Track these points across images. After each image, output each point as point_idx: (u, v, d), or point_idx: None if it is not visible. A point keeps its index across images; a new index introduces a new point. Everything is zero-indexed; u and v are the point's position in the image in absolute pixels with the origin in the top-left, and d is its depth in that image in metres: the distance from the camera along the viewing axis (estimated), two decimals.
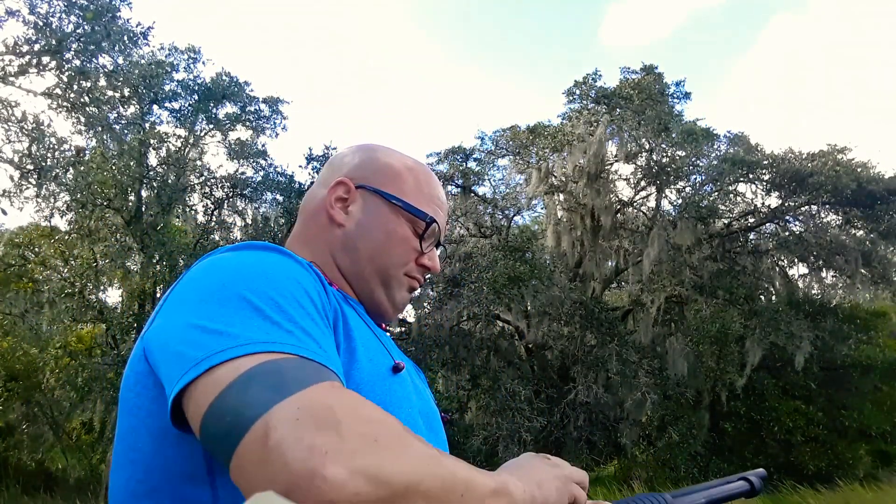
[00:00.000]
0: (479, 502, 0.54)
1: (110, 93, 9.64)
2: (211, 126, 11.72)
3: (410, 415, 0.72)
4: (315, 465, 0.44)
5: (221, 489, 0.59)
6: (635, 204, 13.19)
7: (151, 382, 0.62)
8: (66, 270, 10.87)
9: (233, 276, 0.61)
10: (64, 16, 8.71)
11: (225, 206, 12.07)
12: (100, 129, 9.56)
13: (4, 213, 9.52)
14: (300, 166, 12.32)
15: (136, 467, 0.62)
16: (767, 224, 12.34)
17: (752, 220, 12.40)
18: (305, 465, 0.44)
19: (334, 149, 11.69)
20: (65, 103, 9.04)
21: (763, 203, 12.15)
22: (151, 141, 10.70)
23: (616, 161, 12.69)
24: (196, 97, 11.22)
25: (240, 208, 12.27)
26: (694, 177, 12.55)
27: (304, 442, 0.45)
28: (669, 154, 12.33)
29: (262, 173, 11.92)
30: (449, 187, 13.24)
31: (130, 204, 10.81)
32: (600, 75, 12.71)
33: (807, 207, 11.76)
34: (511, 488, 0.60)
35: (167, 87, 10.92)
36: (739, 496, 0.84)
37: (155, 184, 10.94)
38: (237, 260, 0.65)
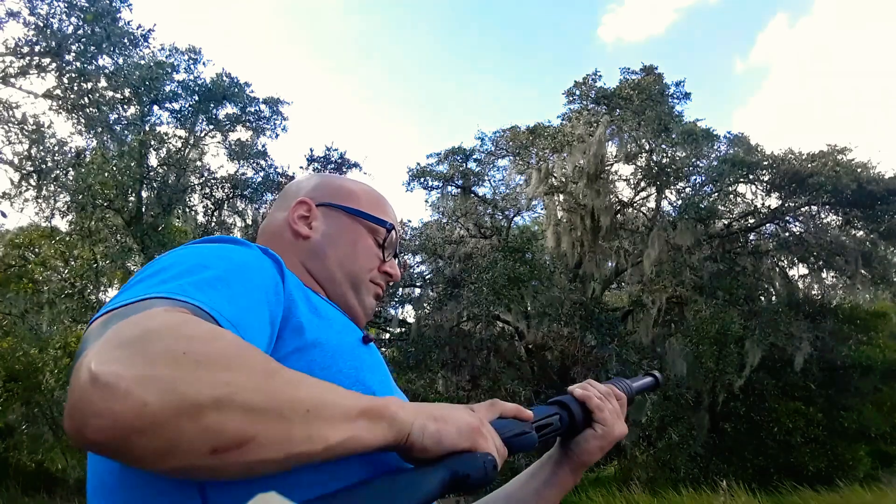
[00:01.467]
0: (340, 422, 0.48)
1: (111, 94, 9.63)
2: (211, 127, 11.73)
3: (384, 380, 0.75)
4: (99, 373, 0.40)
5: (211, 496, 0.54)
6: (635, 204, 13.19)
7: None
8: (66, 271, 10.87)
9: (165, 260, 0.62)
10: (64, 17, 8.71)
11: (225, 207, 12.08)
12: (100, 130, 9.56)
13: (4, 215, 9.51)
14: (301, 167, 12.32)
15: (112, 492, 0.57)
16: (767, 225, 12.35)
17: (752, 221, 12.40)
18: (90, 374, 0.40)
19: (335, 149, 11.73)
20: (65, 104, 9.03)
21: (763, 204, 12.16)
22: (152, 142, 10.71)
23: (616, 161, 12.70)
24: (196, 98, 11.22)
25: (240, 209, 12.28)
26: (694, 177, 12.57)
27: (99, 357, 0.42)
28: (669, 155, 12.34)
29: (262, 174, 11.94)
30: (449, 188, 13.25)
31: (131, 204, 10.82)
32: (600, 76, 12.71)
33: (807, 208, 11.76)
34: (393, 411, 0.54)
35: (167, 88, 10.93)
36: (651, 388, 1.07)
37: (155, 184, 10.95)
38: (180, 249, 0.66)
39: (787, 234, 12.13)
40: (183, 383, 0.41)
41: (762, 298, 12.41)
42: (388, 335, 13.84)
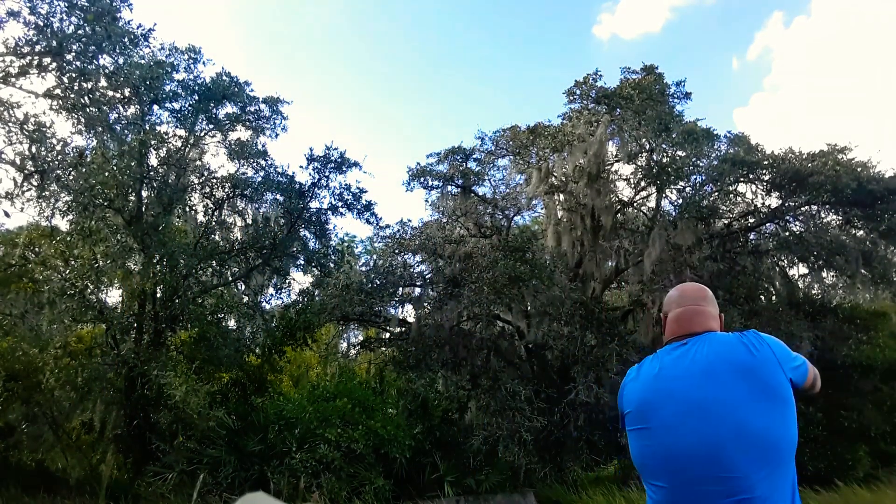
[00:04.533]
0: None
1: (111, 93, 9.61)
2: (211, 126, 11.71)
3: None
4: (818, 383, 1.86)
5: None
6: (635, 204, 13.20)
7: (784, 378, 1.64)
8: (66, 271, 10.86)
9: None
10: (65, 17, 8.70)
11: (225, 207, 12.07)
12: (100, 129, 9.54)
13: (7, 215, 9.50)
14: (301, 167, 12.32)
15: (792, 432, 1.60)
16: (767, 224, 12.35)
17: (752, 221, 12.40)
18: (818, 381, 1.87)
19: (335, 149, 11.69)
20: (65, 104, 9.01)
21: (763, 203, 12.16)
22: (152, 141, 10.69)
23: (616, 161, 12.70)
24: (196, 97, 11.20)
25: (240, 208, 12.27)
26: (694, 177, 12.56)
27: (818, 378, 1.85)
28: (670, 154, 12.34)
29: (262, 173, 11.92)
30: (449, 187, 13.25)
31: (131, 204, 10.81)
32: (601, 75, 12.71)
33: (807, 207, 11.76)
34: None
35: (167, 88, 10.90)
36: None
37: (155, 184, 10.94)
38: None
39: (787, 233, 12.13)
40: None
41: (762, 298, 12.41)
42: (388, 335, 13.84)
